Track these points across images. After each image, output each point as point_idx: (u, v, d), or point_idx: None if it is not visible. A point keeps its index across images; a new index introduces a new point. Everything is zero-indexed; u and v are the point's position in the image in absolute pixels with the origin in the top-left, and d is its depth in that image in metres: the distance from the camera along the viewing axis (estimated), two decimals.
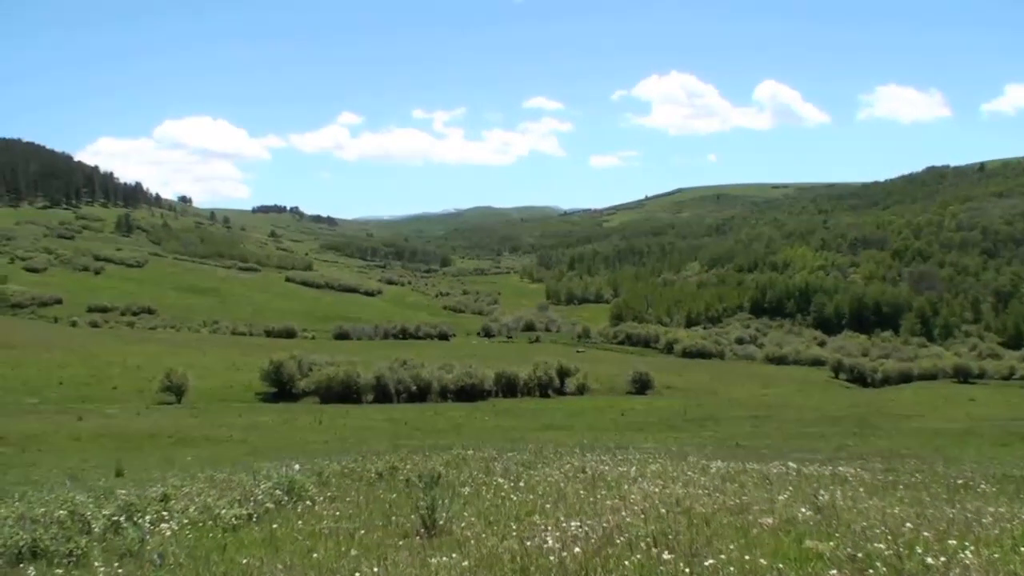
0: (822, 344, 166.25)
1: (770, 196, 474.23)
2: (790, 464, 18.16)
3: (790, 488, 13.00)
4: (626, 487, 12.65)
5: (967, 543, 8.00)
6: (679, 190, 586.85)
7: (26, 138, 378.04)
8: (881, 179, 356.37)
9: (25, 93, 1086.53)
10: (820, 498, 11.34)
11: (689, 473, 15.28)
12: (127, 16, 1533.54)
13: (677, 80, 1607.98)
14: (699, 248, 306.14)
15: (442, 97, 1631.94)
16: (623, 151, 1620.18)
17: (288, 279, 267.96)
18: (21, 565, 8.96)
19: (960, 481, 15.47)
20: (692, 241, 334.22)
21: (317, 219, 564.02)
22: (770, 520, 9.62)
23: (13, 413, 58.94)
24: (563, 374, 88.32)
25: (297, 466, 17.10)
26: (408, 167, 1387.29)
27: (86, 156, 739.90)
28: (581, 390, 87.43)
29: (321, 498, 12.65)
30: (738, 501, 11.25)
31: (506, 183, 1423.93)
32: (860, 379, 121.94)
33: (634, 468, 16.20)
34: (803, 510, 10.35)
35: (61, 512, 10.99)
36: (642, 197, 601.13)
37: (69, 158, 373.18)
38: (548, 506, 10.94)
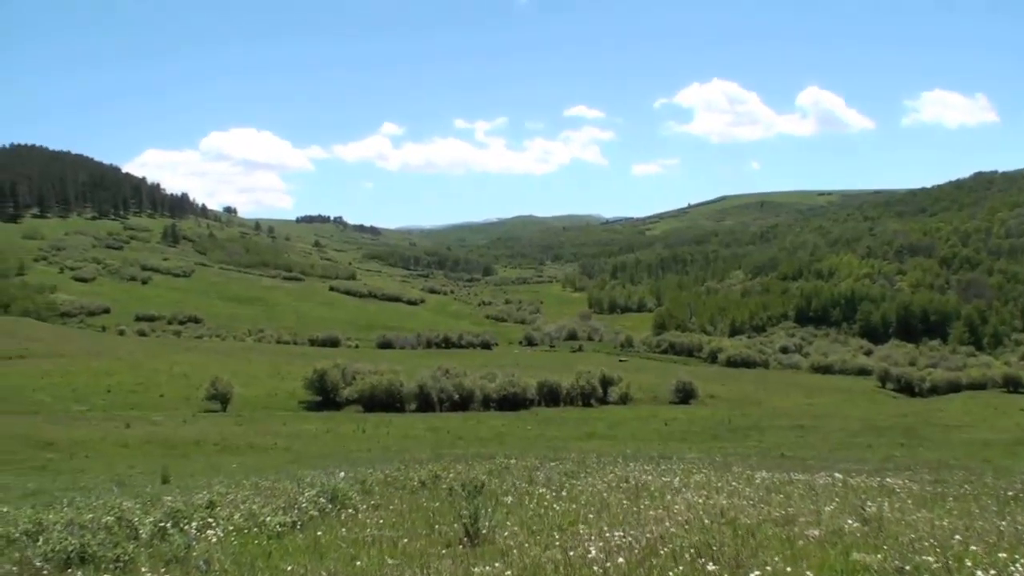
0: (868, 353, 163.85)
1: (815, 203, 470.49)
2: (836, 475, 17.93)
3: (836, 499, 12.83)
4: (670, 497, 12.56)
5: (1018, 556, 7.85)
6: (722, 198, 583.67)
7: (75, 150, 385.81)
8: (928, 185, 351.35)
9: (74, 107, 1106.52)
10: (867, 510, 11.17)
11: (733, 484, 15.15)
12: (172, 33, 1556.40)
13: (719, 87, 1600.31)
14: (743, 256, 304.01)
15: (483, 107, 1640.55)
16: (665, 159, 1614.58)
17: (332, 288, 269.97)
18: (70, 570, 9.06)
19: (1010, 493, 15.17)
20: (736, 249, 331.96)
21: (360, 229, 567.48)
22: (816, 532, 9.51)
23: (62, 420, 59.85)
24: (606, 383, 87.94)
25: (341, 474, 17.19)
26: (450, 176, 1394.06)
27: (133, 168, 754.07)
28: (624, 399, 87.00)
29: (364, 506, 12.69)
30: (783, 512, 11.14)
31: (548, 192, 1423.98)
32: (907, 389, 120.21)
33: (678, 478, 16.10)
34: (850, 522, 10.22)
35: (109, 518, 11.11)
36: (685, 205, 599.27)
37: (117, 170, 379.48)
38: (591, 516, 10.90)
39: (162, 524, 10.85)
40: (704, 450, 38.81)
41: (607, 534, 9.21)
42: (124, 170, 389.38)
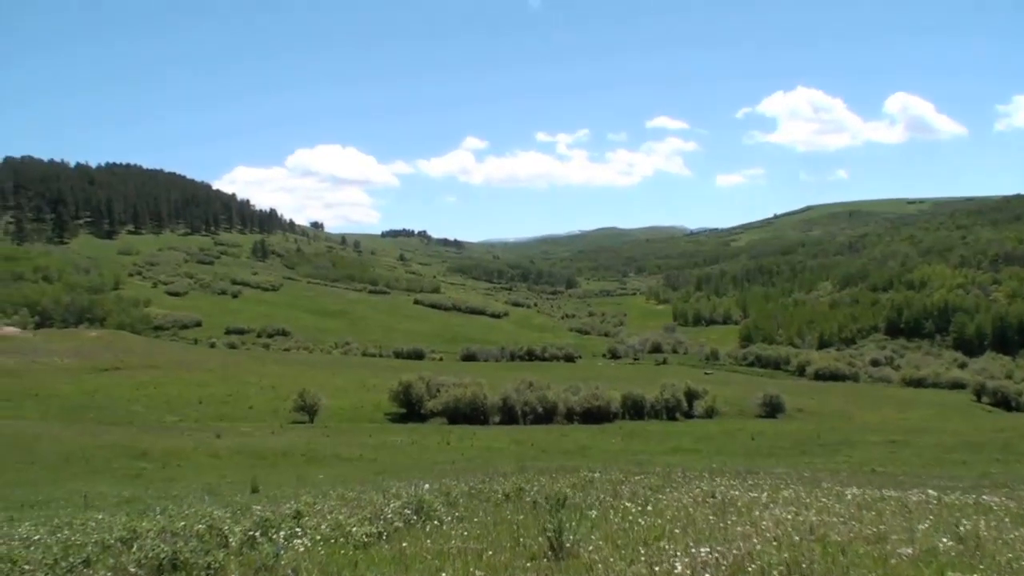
0: (963, 366, 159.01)
1: (905, 212, 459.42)
2: (930, 492, 17.44)
3: (930, 517, 12.48)
4: (757, 513, 12.36)
5: None
6: (809, 207, 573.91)
7: (168, 168, 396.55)
8: (1023, 191, 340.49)
9: (167, 127, 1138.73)
10: (962, 528, 10.84)
11: (823, 500, 14.83)
12: (261, 54, 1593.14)
13: (803, 95, 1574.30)
14: (831, 267, 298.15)
15: (565, 120, 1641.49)
16: (750, 169, 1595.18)
17: (416, 301, 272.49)
18: None
19: None
20: (823, 260, 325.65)
21: (444, 242, 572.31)
22: (910, 550, 9.28)
23: (155, 430, 61.40)
24: (691, 396, 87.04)
25: (426, 486, 17.30)
26: (533, 190, 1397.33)
27: (223, 185, 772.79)
28: (710, 413, 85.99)
29: (449, 518, 12.73)
30: (875, 530, 10.87)
31: (631, 204, 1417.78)
32: (1004, 403, 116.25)
33: (765, 494, 15.82)
34: (944, 540, 9.93)
35: (200, 526, 11.34)
36: (770, 215, 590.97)
37: (208, 187, 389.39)
38: (677, 531, 10.76)
39: (251, 533, 11.03)
40: (792, 465, 38.12)
41: (693, 550, 9.10)
42: (215, 187, 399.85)
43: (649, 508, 13.10)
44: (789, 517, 11.84)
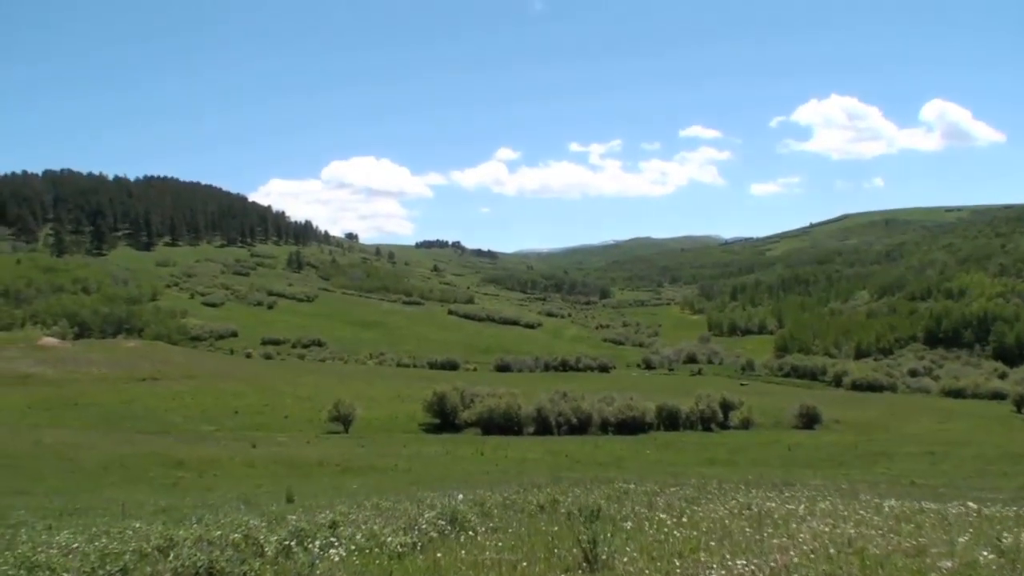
0: (1003, 376, 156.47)
1: (943, 220, 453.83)
2: (970, 504, 17.18)
3: (970, 530, 12.29)
4: (794, 525, 12.24)
5: None
6: (845, 216, 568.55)
7: (204, 181, 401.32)
8: None
9: (204, 139, 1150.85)
10: (1004, 541, 10.67)
11: (861, 512, 14.66)
12: (295, 69, 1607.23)
13: (837, 103, 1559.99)
14: (868, 276, 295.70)
15: (597, 130, 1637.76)
16: (784, 178, 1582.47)
17: (450, 312, 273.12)
18: None
19: None
20: (860, 269, 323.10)
21: (478, 253, 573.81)
22: (949, 563, 9.15)
23: (192, 439, 61.88)
24: (726, 407, 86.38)
25: (460, 496, 17.29)
26: (566, 200, 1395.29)
27: (259, 197, 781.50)
28: (745, 424, 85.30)
29: (483, 529, 12.71)
30: (914, 543, 10.72)
31: (665, 213, 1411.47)
32: None
33: (802, 506, 15.67)
34: (985, 554, 9.77)
35: (236, 535, 11.41)
36: (806, 224, 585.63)
37: (244, 199, 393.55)
38: (712, 543, 10.69)
39: (287, 542, 11.08)
40: (829, 477, 37.73)
41: (729, 562, 9.03)
42: (251, 199, 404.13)
43: (684, 520, 13.02)
44: (826, 530, 11.72)
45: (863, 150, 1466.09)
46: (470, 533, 12.28)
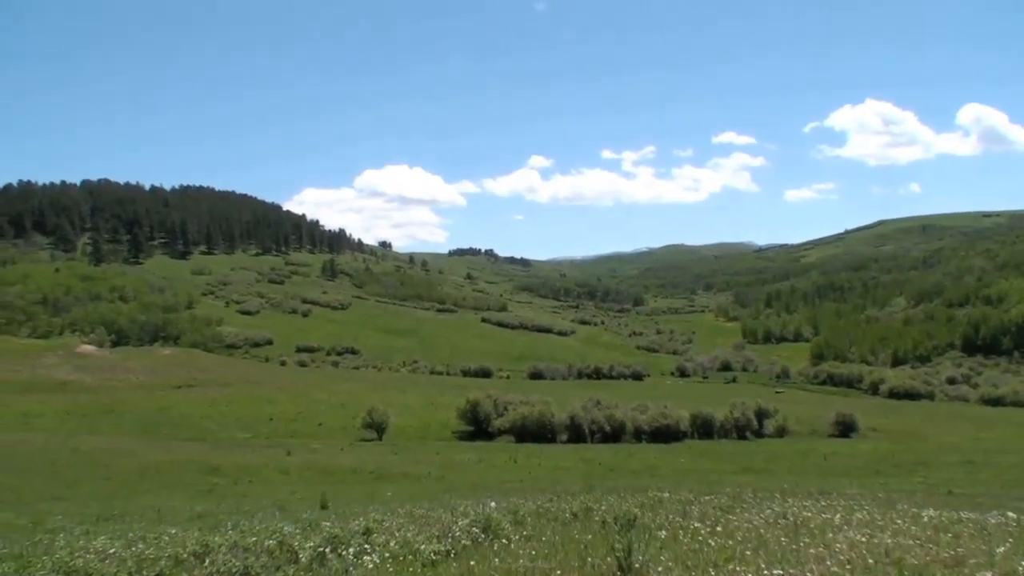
0: None
1: (980, 225, 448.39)
2: (1009, 514, 16.91)
3: (1010, 540, 12.09)
4: (831, 535, 12.11)
5: None
6: (881, 222, 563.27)
7: (239, 190, 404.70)
8: None
9: (238, 149, 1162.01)
10: None
11: (898, 522, 14.48)
12: (327, 78, 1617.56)
13: (872, 108, 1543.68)
14: (904, 282, 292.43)
15: (630, 137, 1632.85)
16: (819, 184, 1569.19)
17: (484, 320, 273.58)
18: None
19: None
20: (897, 275, 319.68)
21: (511, 261, 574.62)
22: (989, 574, 9.04)
23: (228, 446, 62.32)
24: (761, 415, 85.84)
25: (493, 504, 17.26)
26: (599, 208, 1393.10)
27: (293, 206, 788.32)
28: (780, 432, 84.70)
29: (517, 537, 12.68)
30: (952, 553, 10.59)
31: (698, 220, 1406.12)
32: None
33: (839, 515, 15.50)
34: None
35: (271, 542, 11.47)
36: (841, 230, 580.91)
37: (278, 208, 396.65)
38: (748, 553, 10.60)
39: (321, 549, 11.11)
40: (866, 486, 37.33)
41: (765, 572, 8.95)
42: (285, 208, 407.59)
43: (719, 529, 12.92)
44: (863, 539, 11.59)
45: (899, 155, 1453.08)
46: (504, 541, 12.24)
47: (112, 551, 11.24)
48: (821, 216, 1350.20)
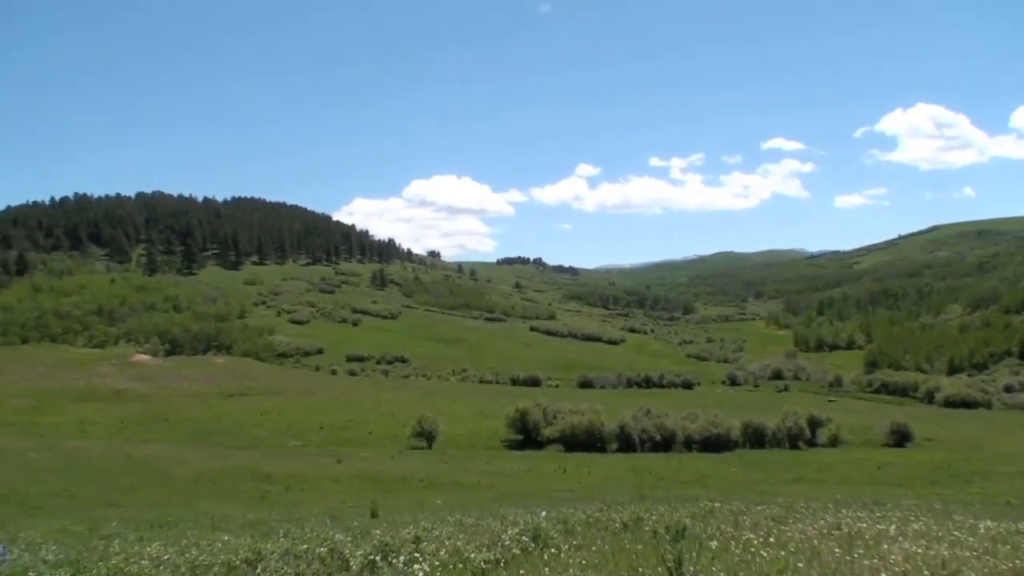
0: None
1: None
2: None
3: None
4: (886, 546, 11.93)
5: None
6: (935, 227, 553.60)
7: (290, 201, 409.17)
8: None
9: (289, 161, 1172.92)
10: None
11: (956, 533, 14.22)
12: (376, 91, 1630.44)
13: (924, 112, 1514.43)
14: (960, 289, 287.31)
15: (678, 144, 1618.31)
16: (870, 189, 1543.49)
17: (532, 328, 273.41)
18: None
19: None
20: (952, 281, 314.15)
21: (559, 269, 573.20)
22: None
23: (279, 454, 62.90)
24: (814, 424, 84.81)
25: (543, 513, 17.23)
26: (647, 215, 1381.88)
27: (343, 216, 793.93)
28: (833, 442, 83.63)
29: (566, 546, 12.63)
30: (1011, 565, 10.38)
31: (748, 227, 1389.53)
32: None
33: (894, 526, 15.26)
34: None
35: (322, 549, 11.55)
36: (894, 236, 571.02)
37: (328, 218, 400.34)
38: (801, 564, 10.46)
39: (371, 557, 11.16)
40: (921, 496, 36.77)
41: None
42: (335, 219, 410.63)
43: (771, 540, 12.77)
44: (919, 551, 11.40)
45: (952, 159, 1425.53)
46: (553, 550, 12.20)
47: (166, 557, 11.38)
48: (873, 222, 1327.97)
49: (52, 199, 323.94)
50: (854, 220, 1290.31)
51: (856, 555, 11.01)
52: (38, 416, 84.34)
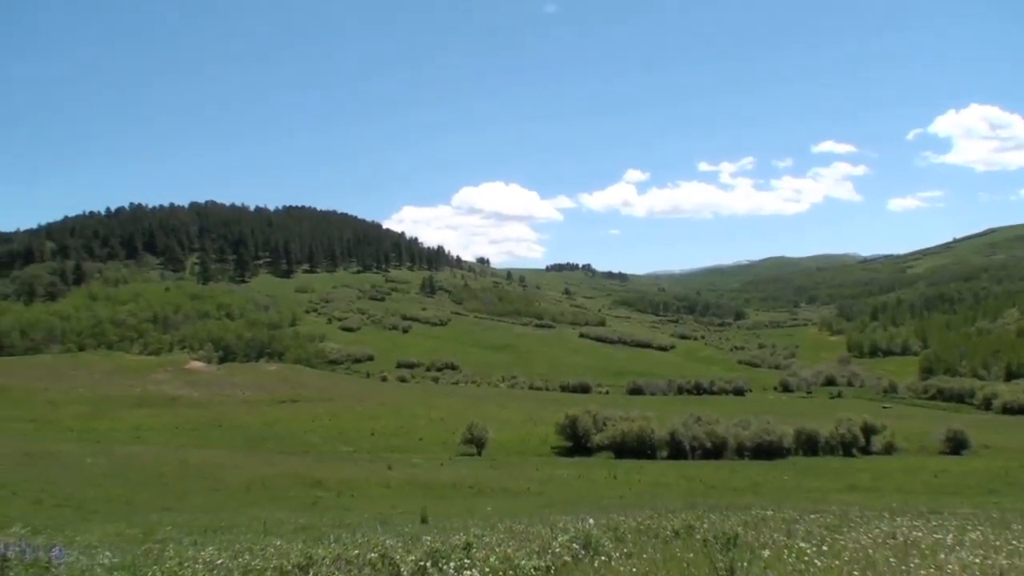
0: None
1: None
2: None
3: None
4: (942, 556, 11.73)
5: None
6: (991, 230, 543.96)
7: (340, 210, 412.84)
8: None
9: (339, 170, 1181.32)
10: None
11: (1014, 543, 13.94)
12: (423, 100, 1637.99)
13: (977, 112, 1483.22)
14: (1018, 292, 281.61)
15: (727, 148, 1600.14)
16: (924, 192, 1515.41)
17: (582, 335, 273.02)
18: None
19: None
20: (1009, 285, 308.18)
21: (609, 275, 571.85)
22: None
23: (331, 460, 63.39)
24: (868, 431, 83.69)
25: (593, 520, 17.16)
26: (697, 220, 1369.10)
27: (392, 224, 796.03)
28: (888, 449, 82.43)
29: (617, 554, 12.56)
30: None
31: (800, 232, 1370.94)
32: None
33: (950, 535, 15.00)
34: None
35: (373, 555, 11.59)
36: (949, 239, 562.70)
37: (378, 226, 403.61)
38: (855, 574, 10.33)
39: (422, 563, 11.18)
40: (979, 505, 36.07)
41: None
42: (384, 226, 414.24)
43: (825, 549, 12.61)
44: (977, 561, 11.20)
45: (1008, 160, 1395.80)
46: (604, 558, 12.15)
47: (219, 562, 11.49)
48: (928, 225, 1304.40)
49: (108, 209, 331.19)
50: (908, 223, 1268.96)
51: (912, 565, 10.86)
52: (95, 422, 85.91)
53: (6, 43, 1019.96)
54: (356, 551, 12.04)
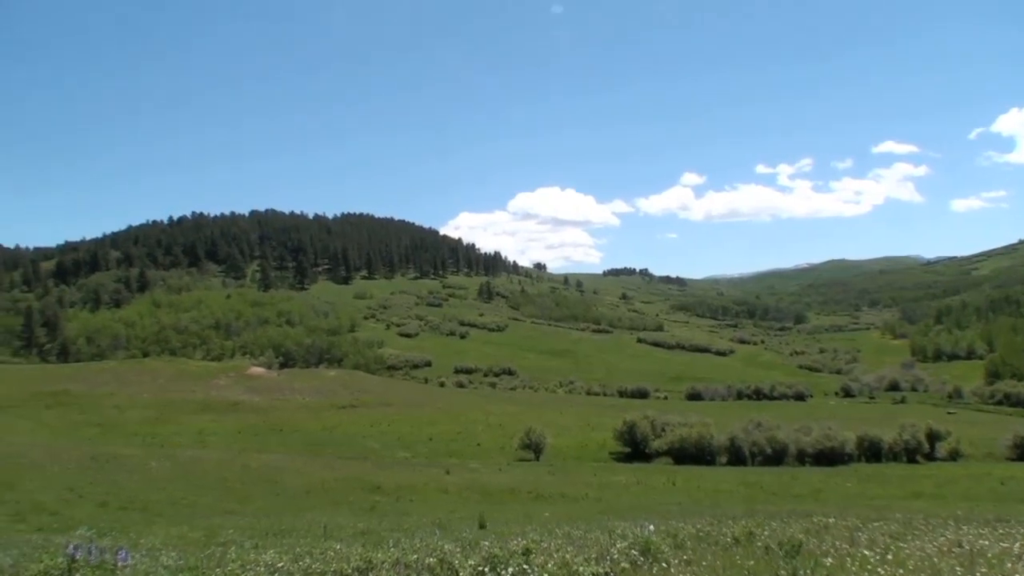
0: None
1: None
2: None
3: None
4: (1010, 565, 11.49)
5: None
6: None
7: (398, 217, 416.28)
8: None
9: (397, 177, 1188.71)
10: None
11: None
12: (477, 107, 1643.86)
13: None
14: None
15: (785, 150, 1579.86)
16: (988, 192, 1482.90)
17: (639, 340, 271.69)
18: None
19: None
20: None
21: (666, 280, 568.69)
22: None
23: (389, 465, 63.80)
24: (933, 437, 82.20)
25: (651, 527, 17.07)
26: (755, 223, 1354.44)
27: (449, 230, 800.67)
28: (953, 455, 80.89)
29: (676, 561, 12.49)
30: None
31: (860, 234, 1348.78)
32: None
33: (1018, 544, 14.67)
34: None
35: (431, 559, 11.65)
36: (1015, 240, 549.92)
37: (435, 233, 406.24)
38: None
39: (480, 568, 11.21)
40: None
41: None
42: (441, 233, 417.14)
43: (889, 557, 12.42)
44: None
45: None
46: (663, 565, 12.08)
47: (280, 565, 11.64)
48: (992, 226, 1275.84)
49: (171, 218, 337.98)
50: (972, 224, 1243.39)
51: (978, 574, 10.66)
52: (159, 427, 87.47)
53: (76, 59, 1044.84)
54: (415, 555, 12.11)
